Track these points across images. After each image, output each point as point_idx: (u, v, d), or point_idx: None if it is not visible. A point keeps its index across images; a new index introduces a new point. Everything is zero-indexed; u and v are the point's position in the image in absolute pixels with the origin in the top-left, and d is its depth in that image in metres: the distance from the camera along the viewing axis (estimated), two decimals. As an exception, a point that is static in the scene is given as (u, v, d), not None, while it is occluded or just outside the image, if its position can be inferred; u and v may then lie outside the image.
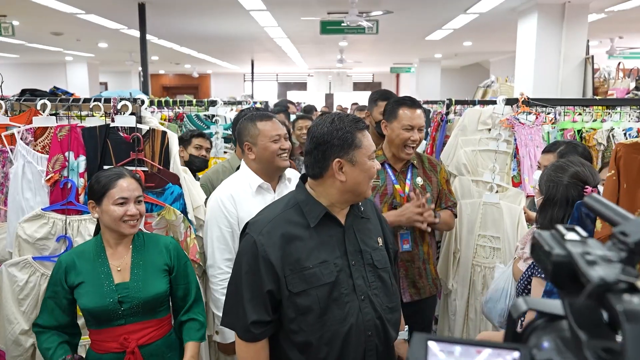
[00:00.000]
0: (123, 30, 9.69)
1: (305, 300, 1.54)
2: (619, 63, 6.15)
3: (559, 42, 6.63)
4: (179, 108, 3.93)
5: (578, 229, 0.52)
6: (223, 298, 2.23)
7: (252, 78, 17.16)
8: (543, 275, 1.74)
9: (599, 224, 1.55)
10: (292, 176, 2.44)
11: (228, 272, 2.25)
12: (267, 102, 7.32)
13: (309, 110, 7.75)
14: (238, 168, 2.42)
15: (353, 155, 1.55)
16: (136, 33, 9.35)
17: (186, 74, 21.06)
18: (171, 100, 3.87)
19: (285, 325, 1.58)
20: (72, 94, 3.49)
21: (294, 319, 1.55)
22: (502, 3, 6.93)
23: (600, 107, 3.35)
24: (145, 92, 7.23)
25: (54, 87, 3.93)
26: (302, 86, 21.73)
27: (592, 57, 6.54)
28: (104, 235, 1.90)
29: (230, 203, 2.23)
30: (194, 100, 3.96)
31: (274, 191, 2.33)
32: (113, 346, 1.82)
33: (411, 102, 2.50)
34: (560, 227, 0.52)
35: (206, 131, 3.89)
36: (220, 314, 2.27)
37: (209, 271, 2.31)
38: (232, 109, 4.76)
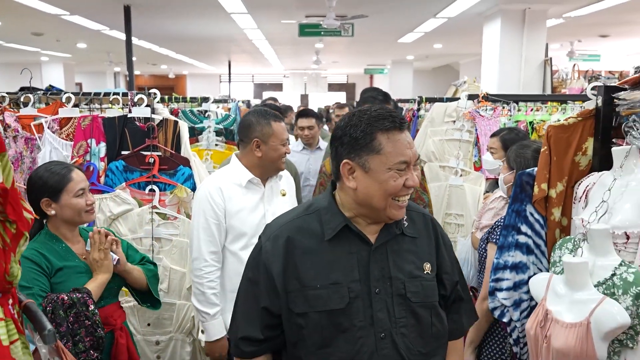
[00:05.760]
0: (104, 32, 9.86)
1: (306, 324, 1.31)
2: (574, 65, 6.75)
3: (520, 45, 7.17)
4: (173, 104, 4.26)
5: None
6: (209, 292, 2.18)
7: (229, 79, 17.39)
8: (495, 240, 2.16)
9: (536, 188, 1.96)
10: (284, 173, 2.44)
11: (214, 266, 2.19)
12: (249, 101, 7.68)
13: (284, 111, 7.93)
14: None
15: (366, 160, 1.28)
16: (117, 34, 9.54)
17: (162, 75, 21.14)
18: (166, 96, 4.20)
19: (289, 350, 1.37)
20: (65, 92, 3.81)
21: (296, 344, 1.34)
22: (469, 8, 7.41)
23: (556, 103, 3.83)
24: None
25: (50, 85, 4.24)
26: (277, 87, 22.06)
27: (551, 59, 7.11)
28: (59, 230, 1.86)
29: (218, 195, 2.20)
30: (188, 97, 4.31)
31: (264, 186, 2.31)
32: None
33: (372, 100, 2.71)
34: None
35: (199, 125, 4.24)
36: (206, 310, 2.17)
37: (193, 264, 2.21)
38: (218, 107, 5.14)
